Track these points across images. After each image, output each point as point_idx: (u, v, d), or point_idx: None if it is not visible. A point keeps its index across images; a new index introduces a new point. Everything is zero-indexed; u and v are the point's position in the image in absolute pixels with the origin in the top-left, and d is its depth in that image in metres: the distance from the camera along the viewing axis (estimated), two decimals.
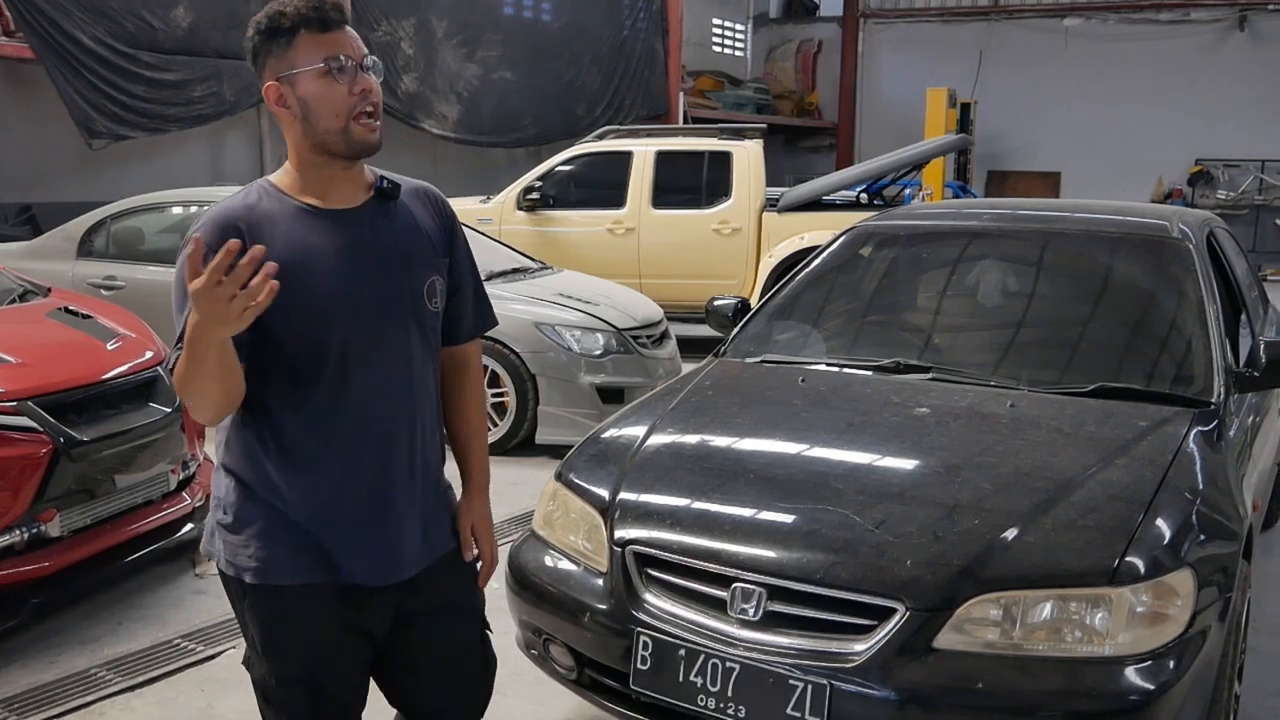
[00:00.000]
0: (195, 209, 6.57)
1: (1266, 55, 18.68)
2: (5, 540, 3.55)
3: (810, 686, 2.37)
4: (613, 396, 6.13)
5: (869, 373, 3.51)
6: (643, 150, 9.64)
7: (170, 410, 4.16)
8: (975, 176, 19.52)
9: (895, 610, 2.39)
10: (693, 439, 3.18)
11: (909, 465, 2.95)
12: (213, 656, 3.67)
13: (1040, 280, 3.99)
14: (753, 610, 2.50)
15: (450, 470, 2.16)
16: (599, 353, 6.25)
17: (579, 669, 2.80)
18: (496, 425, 6.15)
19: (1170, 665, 2.34)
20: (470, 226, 5.80)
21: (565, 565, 2.86)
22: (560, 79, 15.97)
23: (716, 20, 22.11)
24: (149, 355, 4.29)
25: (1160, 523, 2.56)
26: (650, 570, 2.68)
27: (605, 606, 2.69)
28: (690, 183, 9.59)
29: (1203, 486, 2.77)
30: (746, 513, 2.72)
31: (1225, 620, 2.58)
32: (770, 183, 9.90)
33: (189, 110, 10.99)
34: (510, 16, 15.48)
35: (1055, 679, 2.33)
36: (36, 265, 6.39)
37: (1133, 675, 2.32)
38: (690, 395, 3.44)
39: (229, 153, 12.29)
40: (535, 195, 9.65)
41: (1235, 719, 2.88)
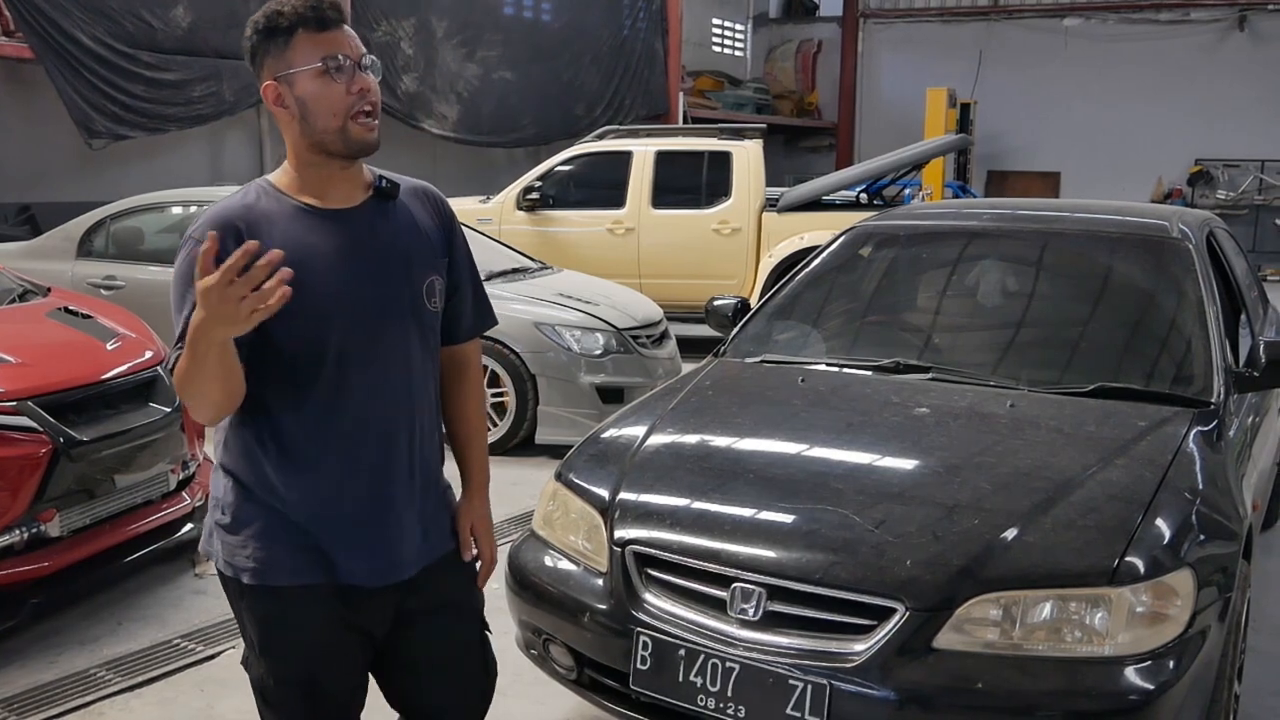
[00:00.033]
0: (195, 209, 6.56)
1: (1266, 55, 18.69)
2: (5, 540, 3.54)
3: (810, 686, 2.37)
4: (612, 396, 6.13)
5: (869, 373, 3.51)
6: (642, 150, 9.64)
7: (170, 410, 4.15)
8: (975, 176, 19.52)
9: (895, 610, 2.39)
10: (692, 439, 3.18)
11: (909, 465, 2.95)
12: (212, 656, 3.67)
13: (1040, 280, 3.99)
14: (752, 610, 2.50)
15: (450, 470, 2.16)
16: (599, 353, 6.25)
17: (579, 669, 2.80)
18: (496, 425, 6.15)
19: (1170, 665, 2.34)
20: (470, 226, 5.79)
21: (565, 565, 2.86)
22: (560, 79, 15.97)
23: (716, 20, 22.12)
24: (149, 355, 4.28)
25: (1160, 523, 2.56)
26: (650, 570, 2.68)
27: (605, 606, 2.69)
28: (690, 183, 9.59)
29: (1202, 486, 2.77)
30: (746, 513, 2.72)
31: (1225, 620, 2.58)
32: (770, 183, 9.90)
33: (188, 110, 11.00)
34: (510, 16, 15.48)
35: (1055, 679, 2.33)
36: (36, 265, 6.40)
37: (1132, 675, 2.32)
38: (690, 395, 3.44)
39: (229, 153, 12.29)
40: (535, 195, 9.65)
41: (1235, 719, 2.88)
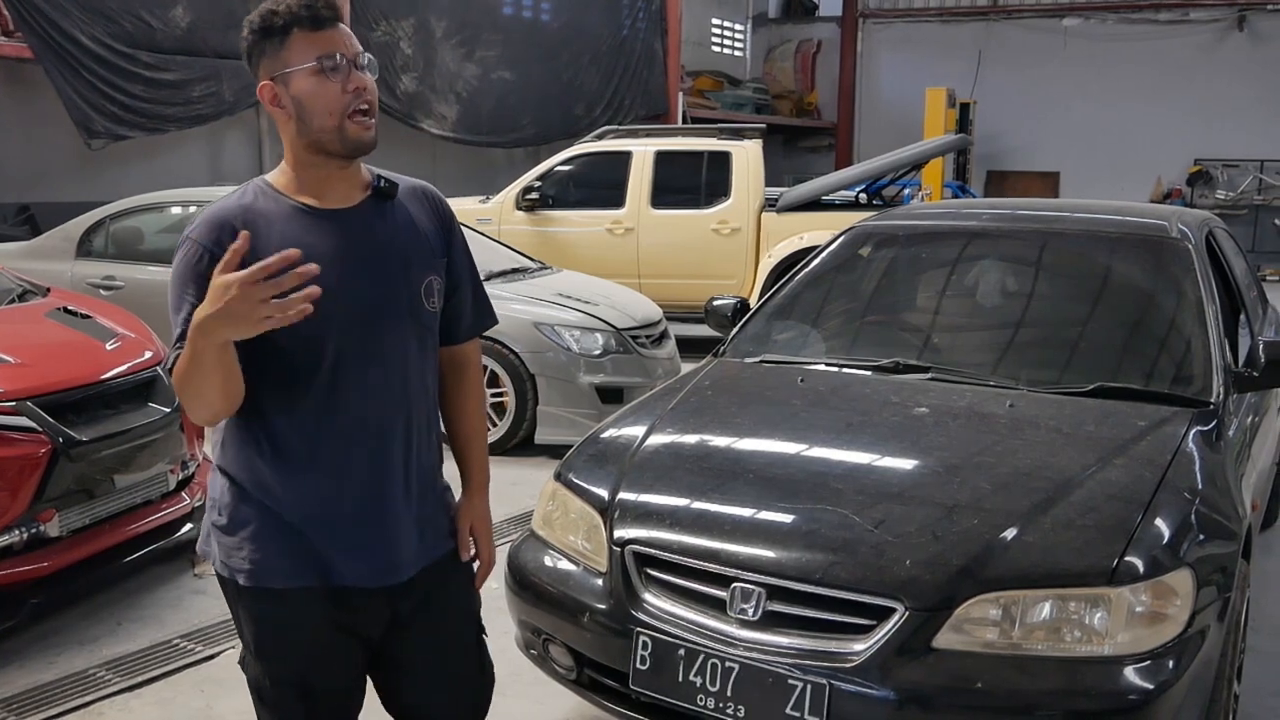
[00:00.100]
0: (194, 209, 6.55)
1: (1265, 55, 18.69)
2: (4, 540, 3.54)
3: (809, 686, 2.37)
4: (612, 396, 6.13)
5: (868, 373, 3.51)
6: (642, 150, 9.64)
7: (169, 410, 4.15)
8: (974, 176, 19.53)
9: (894, 610, 2.39)
10: (692, 439, 3.18)
11: (908, 465, 2.95)
12: (211, 657, 3.67)
13: (1039, 280, 3.99)
14: (752, 610, 2.50)
15: (450, 470, 2.16)
16: (598, 353, 6.25)
17: (578, 669, 2.80)
18: (496, 425, 6.15)
19: (1169, 665, 2.35)
20: (469, 226, 5.79)
21: (564, 565, 2.86)
22: (559, 79, 15.97)
23: (715, 20, 22.12)
24: (148, 355, 4.28)
25: (1159, 522, 2.56)
26: (649, 570, 2.68)
27: (605, 606, 2.69)
28: (689, 183, 9.59)
29: (1202, 486, 2.77)
30: (746, 513, 2.72)
31: (1224, 620, 2.58)
32: (769, 183, 9.90)
33: (188, 110, 11.00)
34: (509, 16, 15.48)
35: (1054, 679, 2.33)
36: (35, 265, 6.40)
37: (1132, 675, 2.32)
38: (689, 395, 3.44)
39: (228, 153, 12.29)
40: (534, 195, 9.65)
41: (1234, 719, 2.88)
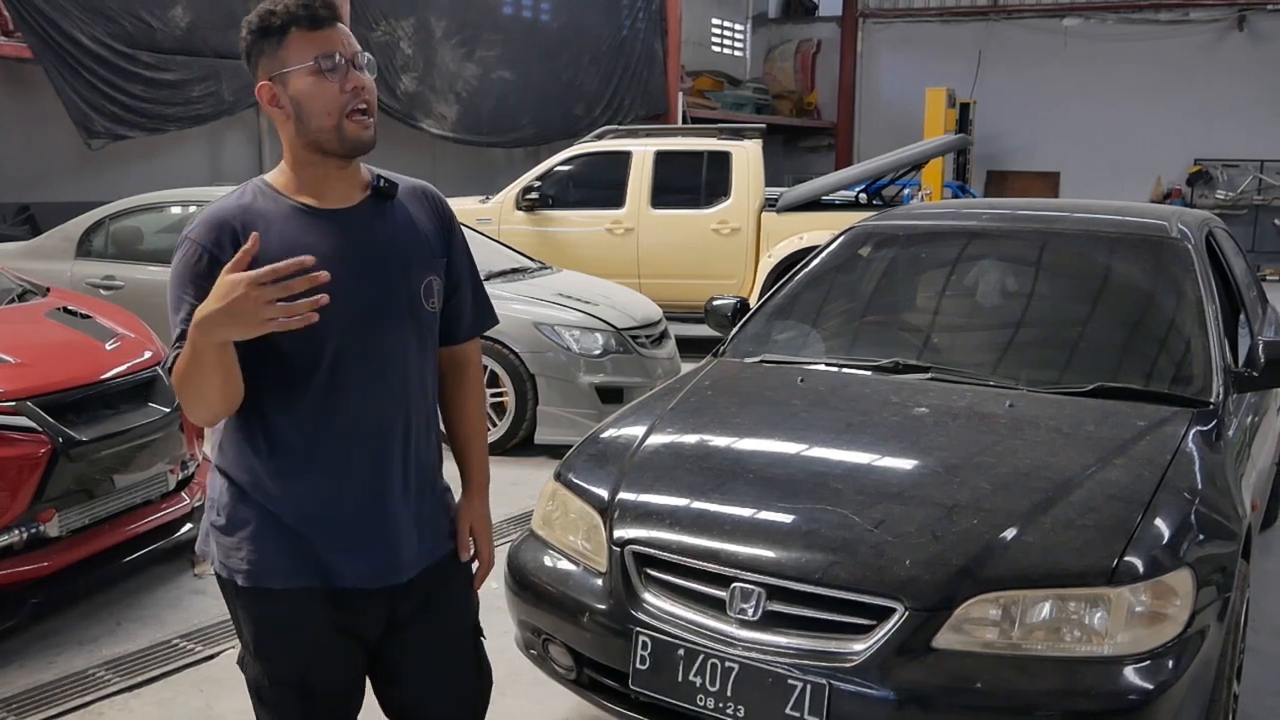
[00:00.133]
0: (194, 209, 6.55)
1: (1265, 55, 18.70)
2: (4, 540, 3.54)
3: (809, 686, 2.37)
4: (612, 396, 6.13)
5: (868, 373, 3.51)
6: (642, 150, 9.64)
7: (169, 410, 4.15)
8: (974, 176, 19.54)
9: (894, 610, 2.39)
10: (692, 439, 3.18)
11: (908, 465, 2.95)
12: (211, 657, 3.67)
13: (1039, 280, 3.99)
14: (752, 610, 2.50)
15: (450, 470, 2.16)
16: (598, 352, 6.25)
17: (578, 669, 2.80)
18: (496, 425, 6.15)
19: (1169, 665, 2.35)
20: (469, 226, 5.79)
21: (564, 565, 2.86)
22: (559, 79, 15.98)
23: (715, 20, 22.13)
24: (148, 355, 4.28)
25: (1159, 522, 2.56)
26: (649, 570, 2.68)
27: (604, 606, 2.69)
28: (689, 183, 9.59)
29: (1201, 486, 2.77)
30: (745, 513, 2.72)
31: (1224, 620, 2.58)
32: (769, 183, 9.91)
33: (187, 110, 11.00)
34: (509, 16, 15.49)
35: (1054, 679, 2.33)
36: (35, 265, 6.40)
37: (1131, 675, 2.32)
38: (689, 395, 3.44)
39: (228, 153, 12.30)
40: (534, 195, 9.65)
41: (1234, 719, 2.88)
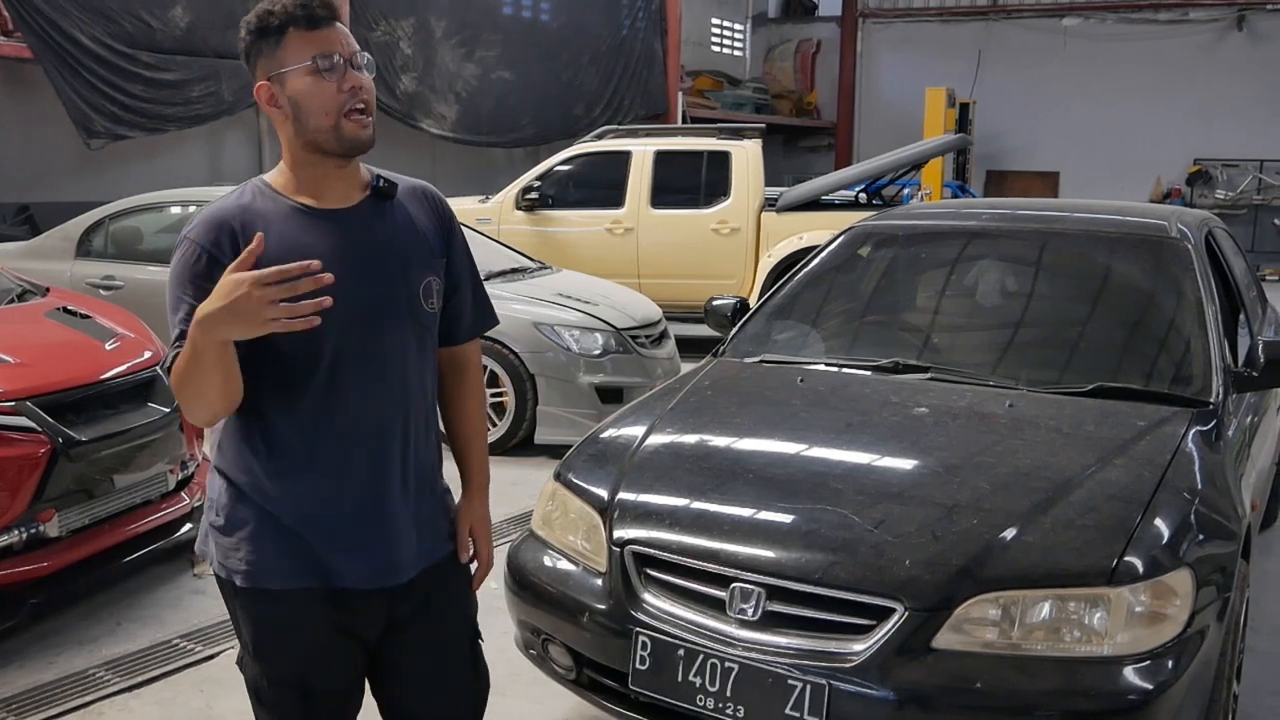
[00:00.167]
0: (193, 209, 6.56)
1: (1265, 55, 18.70)
2: (4, 540, 3.54)
3: (809, 686, 2.37)
4: (611, 396, 6.13)
5: (868, 373, 3.51)
6: (641, 150, 9.64)
7: (169, 410, 4.15)
8: (974, 176, 19.53)
9: (894, 610, 2.39)
10: (691, 439, 3.18)
11: (908, 465, 2.95)
12: (211, 657, 3.67)
13: (1039, 280, 3.99)
14: (751, 610, 2.50)
15: (450, 471, 2.16)
16: (598, 352, 6.25)
17: (578, 669, 2.80)
18: (495, 425, 6.15)
19: (1169, 665, 2.35)
20: (469, 226, 5.79)
21: (564, 565, 2.86)
22: (559, 79, 15.98)
23: (715, 20, 22.12)
24: (147, 355, 4.28)
25: (1159, 522, 2.56)
26: (649, 570, 2.68)
27: (604, 606, 2.69)
28: (689, 182, 9.59)
29: (1201, 486, 2.77)
30: (745, 513, 2.72)
31: (1224, 620, 2.58)
32: (769, 182, 9.91)
33: (187, 110, 11.00)
34: (509, 16, 15.49)
35: (1054, 679, 2.33)
36: (35, 265, 6.40)
37: (1131, 675, 2.32)
38: (689, 395, 3.44)
39: (227, 153, 12.29)
40: (534, 195, 9.65)
41: (1234, 719, 2.88)
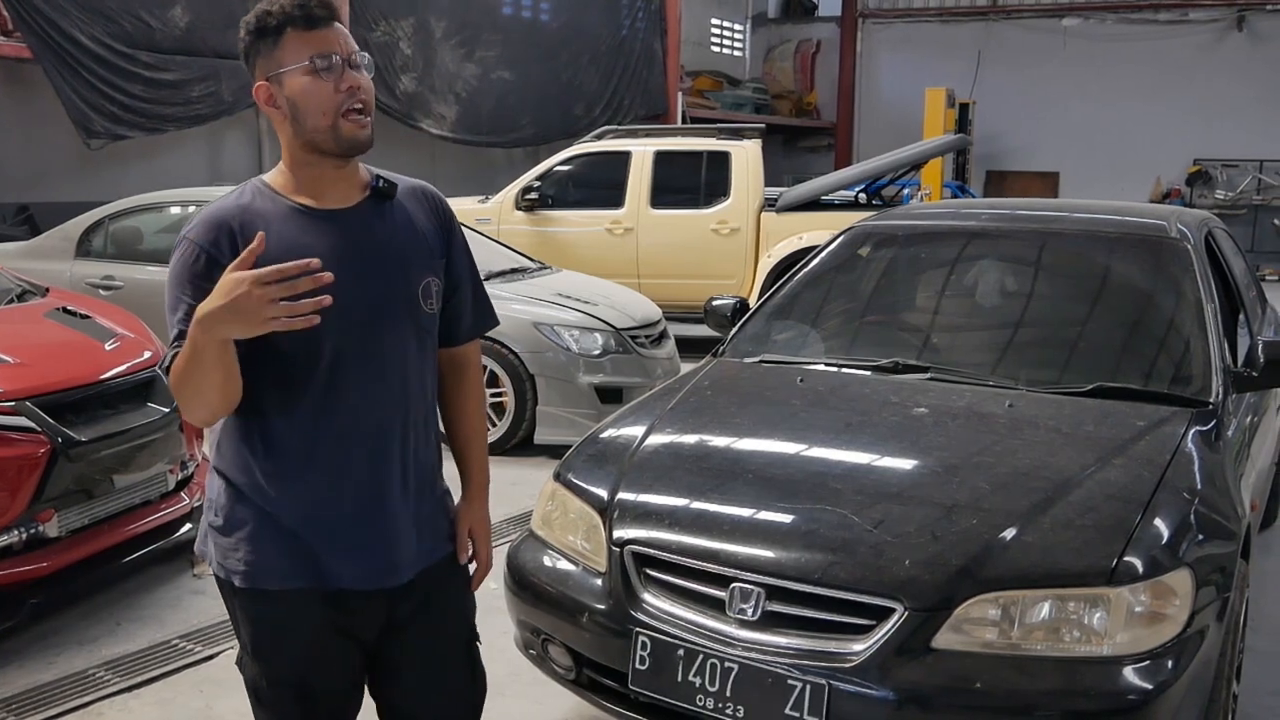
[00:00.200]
0: (193, 209, 6.56)
1: (1265, 55, 18.70)
2: (3, 540, 3.54)
3: (809, 686, 2.37)
4: (611, 396, 6.13)
5: (867, 373, 3.51)
6: (641, 150, 9.64)
7: (168, 410, 4.15)
8: (974, 176, 19.54)
9: (894, 610, 2.39)
10: (691, 439, 3.18)
11: (907, 465, 2.95)
12: (211, 657, 3.67)
13: (1038, 280, 3.99)
14: (751, 610, 2.50)
15: (450, 471, 2.16)
16: (597, 353, 6.25)
17: (577, 669, 2.80)
18: (495, 425, 6.15)
19: (1168, 665, 2.35)
20: (469, 226, 5.78)
21: (564, 565, 2.86)
22: (559, 79, 15.98)
23: (715, 20, 22.13)
24: (147, 355, 4.28)
25: (1158, 522, 2.56)
26: (649, 570, 2.68)
27: (604, 606, 2.69)
28: (689, 183, 9.60)
29: (1201, 486, 2.77)
30: (745, 513, 2.72)
31: (1223, 620, 2.58)
32: (769, 183, 9.90)
33: (187, 110, 11.00)
34: (508, 16, 15.49)
35: (1053, 679, 2.33)
36: (35, 265, 6.40)
37: (1131, 675, 2.32)
38: (689, 395, 3.44)
39: (227, 153, 12.29)
40: (534, 195, 9.65)
41: (1233, 719, 2.88)
